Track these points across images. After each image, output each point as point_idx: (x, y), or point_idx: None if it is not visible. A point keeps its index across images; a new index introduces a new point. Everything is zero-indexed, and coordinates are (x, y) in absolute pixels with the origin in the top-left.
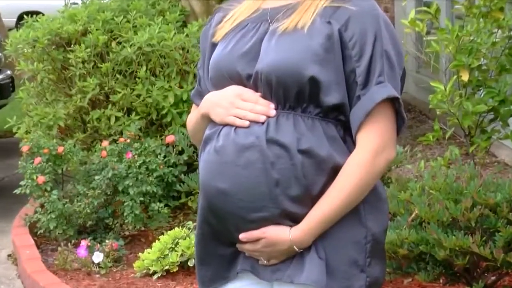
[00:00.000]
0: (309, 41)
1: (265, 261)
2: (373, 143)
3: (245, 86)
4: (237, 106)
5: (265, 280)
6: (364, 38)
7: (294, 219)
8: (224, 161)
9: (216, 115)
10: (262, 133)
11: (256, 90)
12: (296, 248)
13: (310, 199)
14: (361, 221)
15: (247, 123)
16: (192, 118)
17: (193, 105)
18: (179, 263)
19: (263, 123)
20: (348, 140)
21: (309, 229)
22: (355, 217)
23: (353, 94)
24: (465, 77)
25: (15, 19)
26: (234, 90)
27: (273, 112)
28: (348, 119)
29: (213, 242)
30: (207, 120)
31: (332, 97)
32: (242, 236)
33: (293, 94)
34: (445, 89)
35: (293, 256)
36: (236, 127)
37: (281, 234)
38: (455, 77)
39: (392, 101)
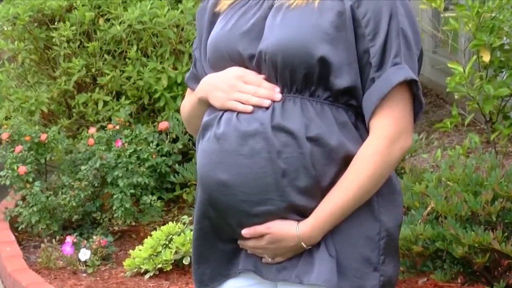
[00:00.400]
0: (319, 18)
1: (269, 259)
2: (388, 130)
3: (246, 67)
4: (239, 89)
5: (269, 280)
6: (379, 15)
7: (302, 213)
8: (226, 150)
9: (215, 99)
10: (267, 119)
11: (259, 72)
12: (304, 245)
13: (319, 191)
14: (374, 215)
15: (250, 108)
16: (187, 104)
17: (188, 90)
18: (173, 261)
19: (267, 108)
20: (361, 127)
21: (318, 224)
22: (368, 211)
23: (366, 77)
24: (486, 57)
25: None
26: (235, 71)
27: (278, 96)
28: (360, 103)
29: (212, 238)
30: (204, 105)
31: (343, 80)
32: (245, 231)
33: (300, 76)
34: (464, 71)
35: (301, 254)
36: (238, 112)
37: (287, 230)
38: (475, 57)
39: (409, 84)
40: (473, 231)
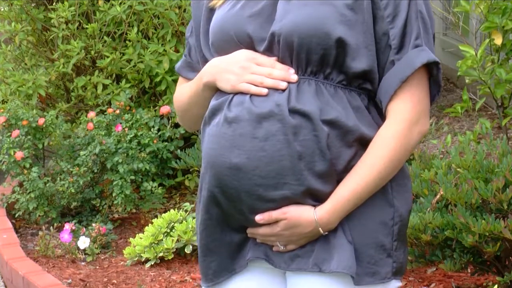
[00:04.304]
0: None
1: (281, 247)
2: (408, 113)
3: (255, 51)
4: (252, 71)
5: (281, 269)
6: None
7: (317, 198)
8: (239, 134)
9: (225, 82)
10: (284, 101)
11: (270, 56)
12: (321, 230)
13: (335, 175)
14: (388, 200)
15: (265, 90)
16: (185, 92)
17: (180, 79)
18: (174, 249)
19: (283, 90)
20: (373, 111)
21: (336, 209)
22: (382, 196)
23: (384, 59)
24: (498, 40)
25: None
26: (245, 53)
27: (294, 77)
28: (374, 87)
29: (220, 227)
30: (210, 90)
31: (360, 62)
32: (259, 217)
33: (317, 57)
34: (476, 54)
35: (315, 241)
36: (251, 95)
37: (304, 215)
38: (487, 40)
39: (428, 67)
40: (484, 219)
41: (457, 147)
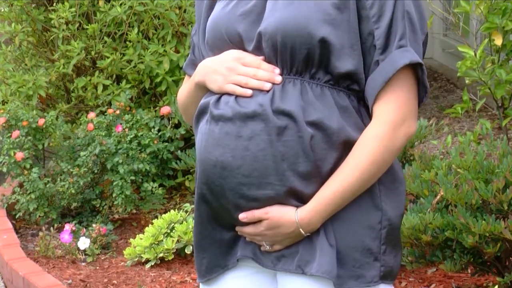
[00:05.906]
0: None
1: (267, 247)
2: (392, 114)
3: (245, 50)
4: (238, 72)
5: (268, 268)
6: None
7: (301, 199)
8: (225, 132)
9: (213, 82)
10: (267, 101)
11: (259, 55)
12: (302, 231)
13: (319, 177)
14: (376, 204)
15: (249, 92)
16: (184, 90)
17: (186, 77)
18: (174, 250)
19: (268, 91)
20: (363, 113)
21: (317, 210)
22: (369, 199)
23: (370, 60)
24: (498, 41)
25: None
26: (233, 54)
27: (278, 79)
28: (362, 88)
29: (210, 225)
30: (202, 90)
31: (345, 62)
32: (242, 216)
33: (301, 57)
34: (475, 55)
35: (299, 242)
36: (237, 96)
37: (286, 215)
38: (486, 40)
39: (414, 68)
40: (484, 220)
41: (457, 147)
